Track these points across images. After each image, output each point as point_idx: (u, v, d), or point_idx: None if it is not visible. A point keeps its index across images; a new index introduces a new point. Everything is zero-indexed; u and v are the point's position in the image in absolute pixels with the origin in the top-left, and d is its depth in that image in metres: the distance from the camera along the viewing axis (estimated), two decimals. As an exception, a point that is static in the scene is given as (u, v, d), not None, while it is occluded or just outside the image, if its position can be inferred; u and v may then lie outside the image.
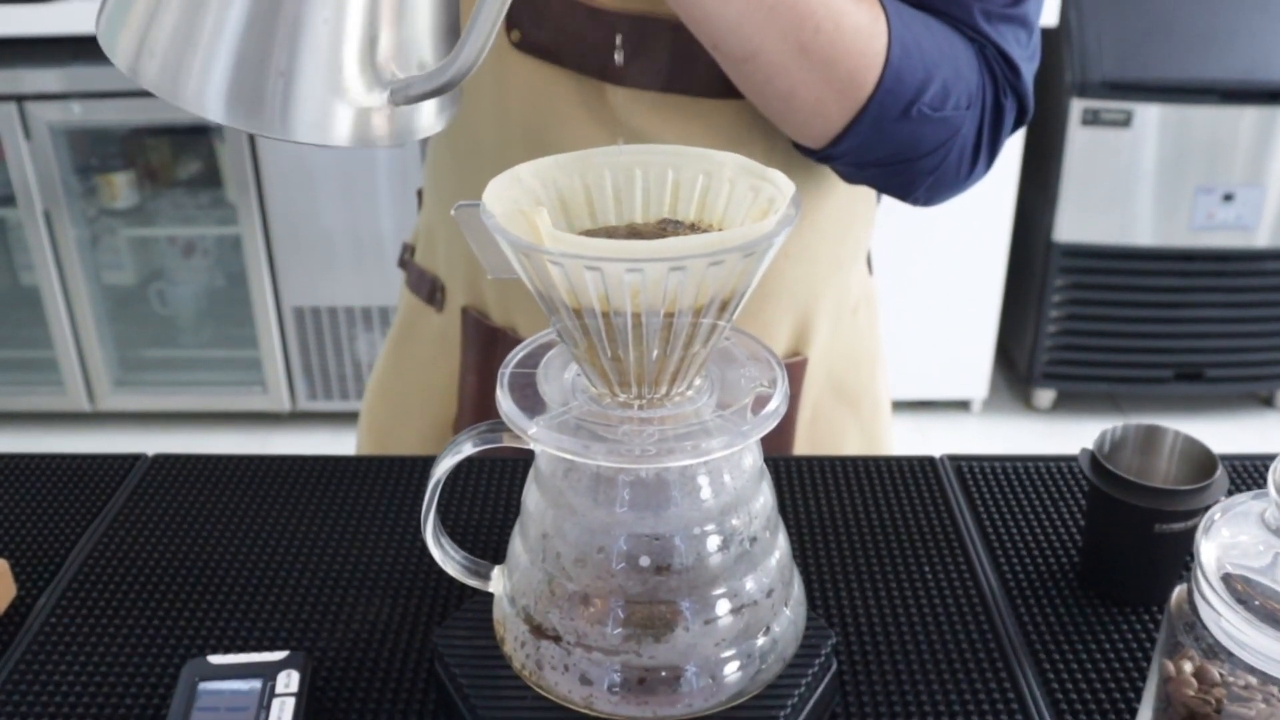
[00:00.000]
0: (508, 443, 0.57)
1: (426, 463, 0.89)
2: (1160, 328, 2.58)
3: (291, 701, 0.63)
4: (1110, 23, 2.39)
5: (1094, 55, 2.39)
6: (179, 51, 0.47)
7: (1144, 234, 2.51)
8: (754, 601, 0.58)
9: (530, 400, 0.55)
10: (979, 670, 0.68)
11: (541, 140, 0.83)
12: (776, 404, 0.54)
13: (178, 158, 2.71)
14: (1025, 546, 0.79)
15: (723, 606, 0.57)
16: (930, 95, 0.74)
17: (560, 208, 0.56)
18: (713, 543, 0.56)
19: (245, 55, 0.47)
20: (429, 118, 0.52)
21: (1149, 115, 2.40)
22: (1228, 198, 2.45)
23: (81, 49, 2.42)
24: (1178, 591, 0.58)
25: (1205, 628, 0.55)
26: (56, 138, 2.48)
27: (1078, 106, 2.41)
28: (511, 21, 0.82)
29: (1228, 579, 0.55)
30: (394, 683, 0.68)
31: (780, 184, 0.54)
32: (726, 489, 0.56)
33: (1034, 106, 0.82)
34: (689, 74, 0.78)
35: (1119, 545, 0.72)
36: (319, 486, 0.86)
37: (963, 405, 2.83)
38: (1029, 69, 0.80)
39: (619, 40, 0.78)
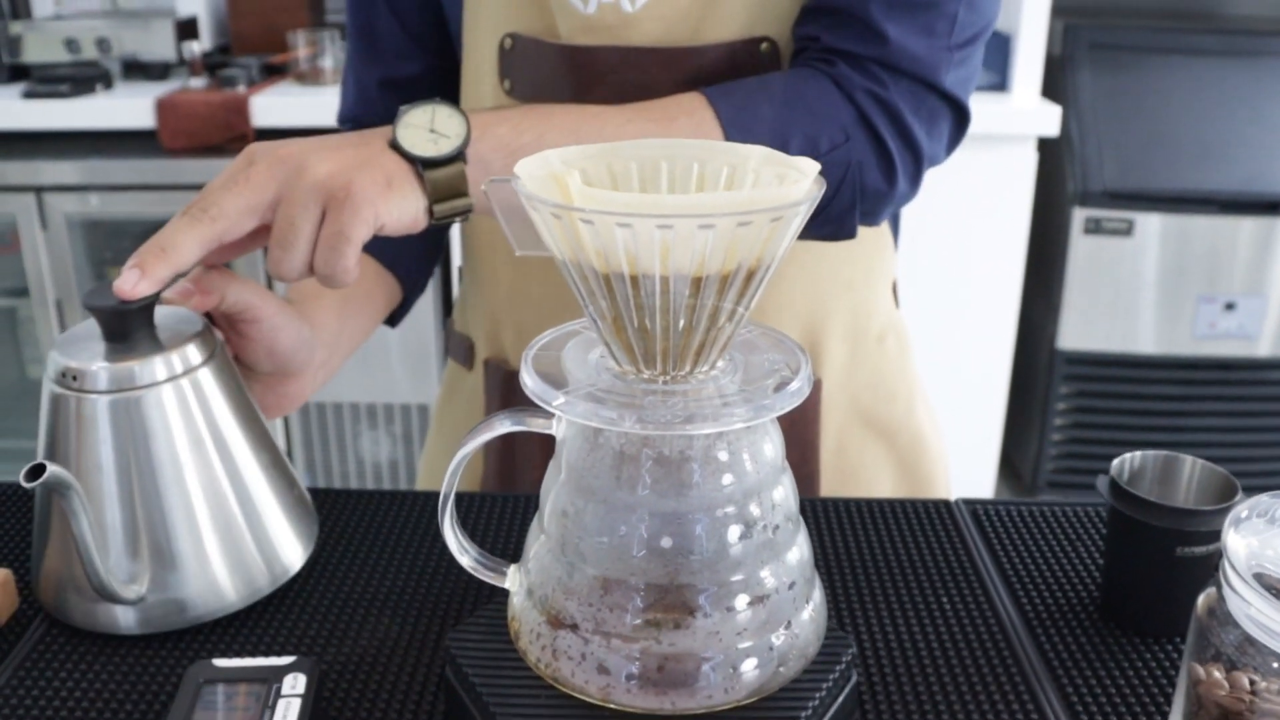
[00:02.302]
0: (533, 427, 0.57)
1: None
2: (1164, 436, 2.58)
3: (297, 703, 0.62)
4: (1111, 134, 2.45)
5: (1095, 166, 2.44)
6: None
7: (1147, 342, 2.53)
8: (775, 592, 0.57)
9: (555, 381, 0.55)
10: (1001, 694, 0.67)
11: None
12: (799, 384, 0.54)
13: (191, 253, 2.74)
14: (1044, 581, 0.78)
15: (743, 594, 0.56)
16: (794, 153, 0.76)
17: (587, 194, 0.57)
18: (734, 526, 0.55)
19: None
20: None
21: (1150, 224, 2.44)
22: (1229, 307, 2.47)
23: (100, 143, 2.47)
24: (1205, 594, 0.58)
25: (1234, 622, 0.54)
26: (72, 229, 2.51)
27: (1080, 215, 2.45)
28: (503, 72, 0.86)
29: (1260, 577, 0.54)
30: (402, 692, 0.66)
31: (805, 169, 0.54)
32: (748, 474, 0.56)
33: (970, 108, 0.85)
34: (657, 95, 0.81)
35: (1140, 571, 0.71)
36: (330, 516, 0.85)
37: (967, 514, 2.81)
38: (930, 45, 0.81)
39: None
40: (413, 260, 0.98)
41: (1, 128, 2.46)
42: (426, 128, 0.70)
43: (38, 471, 0.63)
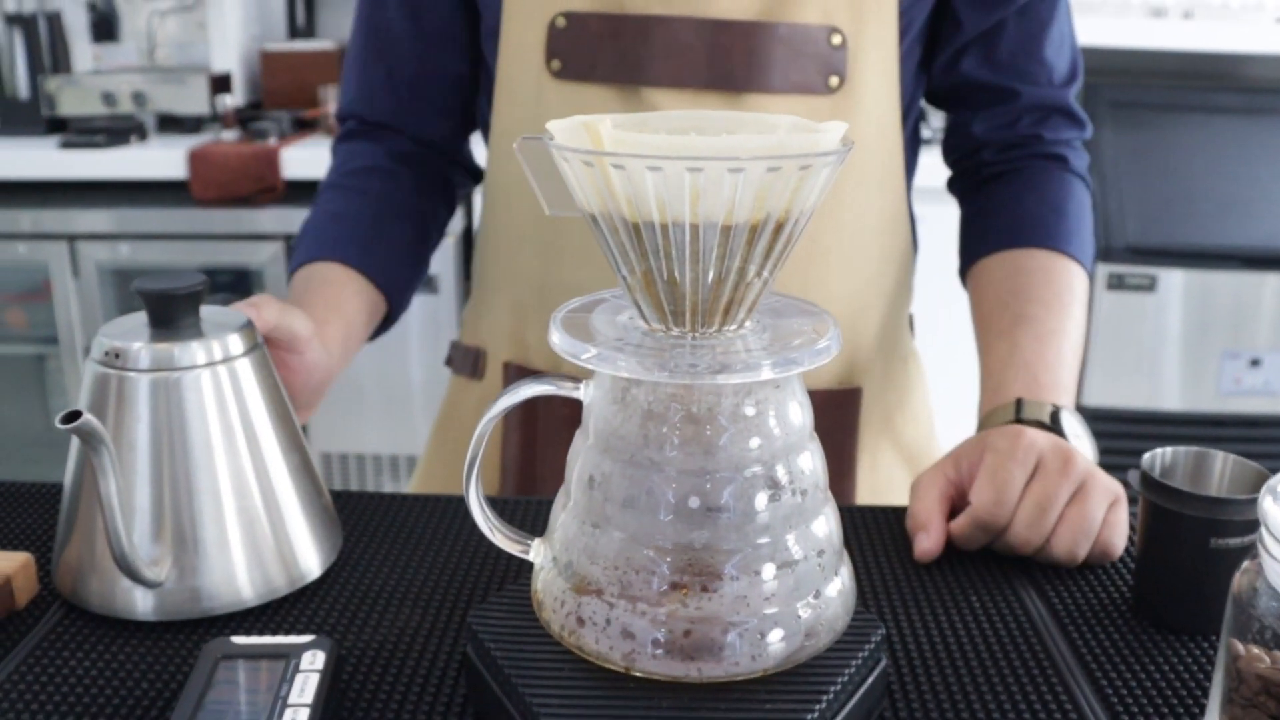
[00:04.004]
0: (561, 390, 0.57)
1: (458, 501, 0.88)
2: (1192, 495, 2.55)
3: (315, 678, 0.61)
4: (1133, 191, 2.46)
5: (1118, 222, 2.44)
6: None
7: (1171, 399, 2.50)
8: (803, 560, 0.56)
9: (584, 339, 0.55)
10: (1035, 689, 0.65)
11: None
12: (826, 343, 0.54)
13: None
14: (1074, 582, 0.77)
15: (770, 561, 0.55)
16: (1090, 249, 0.99)
17: (617, 160, 0.57)
18: (761, 489, 0.55)
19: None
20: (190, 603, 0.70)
21: (1173, 280, 2.43)
22: (1255, 363, 2.46)
23: (132, 193, 2.51)
24: (1243, 569, 0.56)
25: (1274, 593, 0.53)
26: (103, 277, 2.54)
27: (1103, 271, 2.45)
28: (551, 52, 0.86)
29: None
30: (423, 674, 0.65)
31: (834, 131, 0.55)
32: (775, 436, 0.55)
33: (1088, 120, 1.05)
34: (723, 69, 0.82)
35: (1173, 563, 0.69)
36: (350, 517, 0.84)
37: (992, 574, 2.77)
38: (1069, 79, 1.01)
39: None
40: (404, 283, 0.99)
41: (38, 177, 2.50)
42: None
43: (73, 416, 0.63)
